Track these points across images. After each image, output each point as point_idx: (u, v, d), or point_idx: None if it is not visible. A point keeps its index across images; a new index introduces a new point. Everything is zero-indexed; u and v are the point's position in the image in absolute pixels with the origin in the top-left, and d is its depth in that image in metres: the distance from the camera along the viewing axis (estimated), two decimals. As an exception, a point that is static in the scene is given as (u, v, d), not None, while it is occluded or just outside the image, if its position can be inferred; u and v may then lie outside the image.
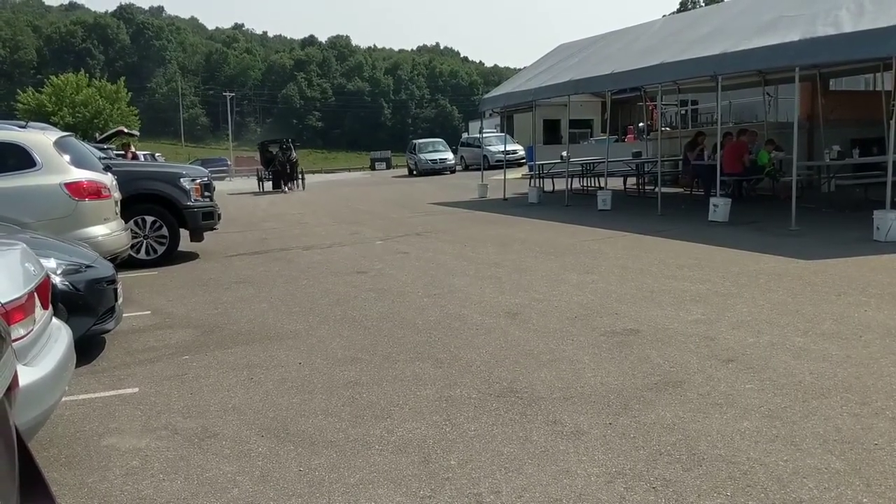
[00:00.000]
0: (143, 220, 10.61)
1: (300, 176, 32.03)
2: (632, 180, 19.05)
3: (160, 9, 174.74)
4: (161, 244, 10.75)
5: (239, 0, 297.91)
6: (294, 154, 31.53)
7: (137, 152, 22.52)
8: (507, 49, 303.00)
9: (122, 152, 19.37)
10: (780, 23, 11.31)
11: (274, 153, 31.99)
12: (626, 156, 19.93)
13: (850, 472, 3.28)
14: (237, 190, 33.32)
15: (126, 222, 9.46)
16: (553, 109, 29.95)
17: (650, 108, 24.23)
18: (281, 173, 31.03)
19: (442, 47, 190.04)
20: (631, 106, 29.95)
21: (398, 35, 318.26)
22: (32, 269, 3.70)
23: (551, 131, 36.00)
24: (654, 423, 3.96)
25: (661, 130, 19.69)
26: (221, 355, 5.78)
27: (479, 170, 25.08)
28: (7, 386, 2.23)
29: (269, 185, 31.68)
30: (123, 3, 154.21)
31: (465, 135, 47.37)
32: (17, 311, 3.30)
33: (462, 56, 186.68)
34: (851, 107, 17.21)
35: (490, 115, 34.38)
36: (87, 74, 71.31)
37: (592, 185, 19.66)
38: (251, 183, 41.44)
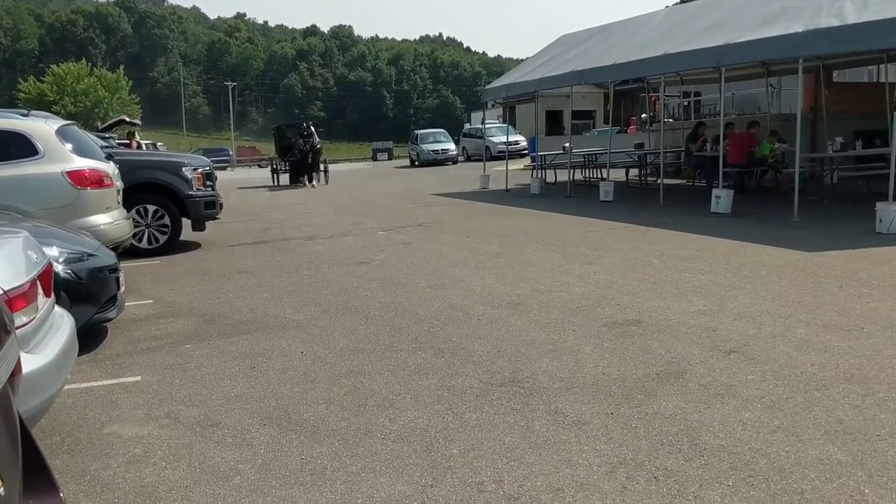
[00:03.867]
0: (145, 210, 10.61)
1: (324, 167, 26.65)
2: (634, 171, 19.03)
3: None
4: (163, 233, 10.76)
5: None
6: (317, 140, 26.00)
7: (140, 141, 22.45)
8: (510, 40, 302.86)
9: (127, 141, 19.33)
10: (784, 14, 11.26)
11: (292, 140, 26.86)
12: (629, 147, 19.92)
13: (852, 463, 3.28)
14: (246, 182, 29.82)
15: (128, 211, 9.46)
16: (555, 100, 29.90)
17: (653, 99, 24.22)
18: (301, 164, 25.91)
19: (444, 37, 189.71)
20: (633, 97, 29.94)
21: (400, 25, 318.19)
22: (35, 256, 3.70)
23: (554, 122, 35.96)
24: (656, 413, 3.96)
25: (664, 122, 19.64)
26: (223, 344, 5.79)
27: (481, 161, 25.07)
28: (10, 373, 2.23)
29: (284, 178, 27.01)
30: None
31: (467, 125, 47.32)
32: (19, 298, 3.30)
33: (465, 46, 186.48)
34: (855, 99, 17.15)
35: (492, 105, 34.33)
36: (90, 64, 71.26)
37: (595, 176, 19.64)
38: (255, 174, 41.32)
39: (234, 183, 28.49)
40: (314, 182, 25.46)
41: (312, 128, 26.65)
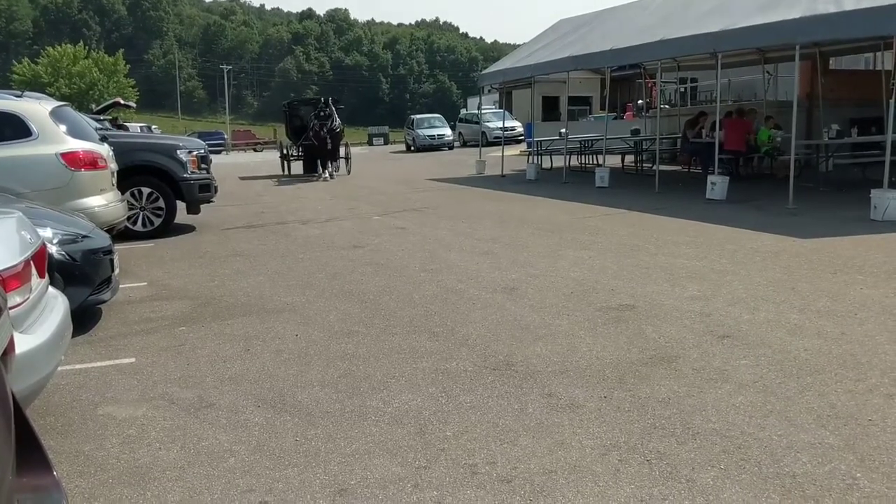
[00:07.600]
0: (140, 192, 10.58)
1: (345, 154, 22.04)
2: (630, 158, 19.01)
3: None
4: (157, 216, 10.73)
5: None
6: (337, 121, 20.64)
7: (133, 124, 22.23)
8: (507, 25, 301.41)
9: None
10: (782, 0, 11.22)
11: (306, 120, 21.77)
12: (625, 133, 19.88)
13: (844, 448, 3.30)
14: (248, 171, 26.22)
15: (122, 194, 9.42)
16: (552, 86, 29.79)
17: (649, 85, 24.14)
18: (318, 150, 20.73)
19: (441, 22, 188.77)
20: (630, 83, 29.87)
21: (397, 9, 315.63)
22: (29, 237, 3.68)
23: (550, 108, 35.88)
24: (649, 397, 3.97)
25: (660, 108, 19.61)
26: (218, 327, 5.79)
27: (477, 146, 24.95)
28: (3, 351, 2.23)
29: (296, 166, 22.58)
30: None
31: (463, 111, 47.24)
32: (13, 278, 3.29)
33: (461, 32, 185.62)
34: (851, 86, 17.14)
35: (489, 91, 34.28)
36: (86, 46, 70.88)
37: (590, 162, 19.62)
38: (252, 158, 41.06)
39: (234, 170, 25.69)
40: (329, 173, 20.74)
41: (333, 106, 20.93)
